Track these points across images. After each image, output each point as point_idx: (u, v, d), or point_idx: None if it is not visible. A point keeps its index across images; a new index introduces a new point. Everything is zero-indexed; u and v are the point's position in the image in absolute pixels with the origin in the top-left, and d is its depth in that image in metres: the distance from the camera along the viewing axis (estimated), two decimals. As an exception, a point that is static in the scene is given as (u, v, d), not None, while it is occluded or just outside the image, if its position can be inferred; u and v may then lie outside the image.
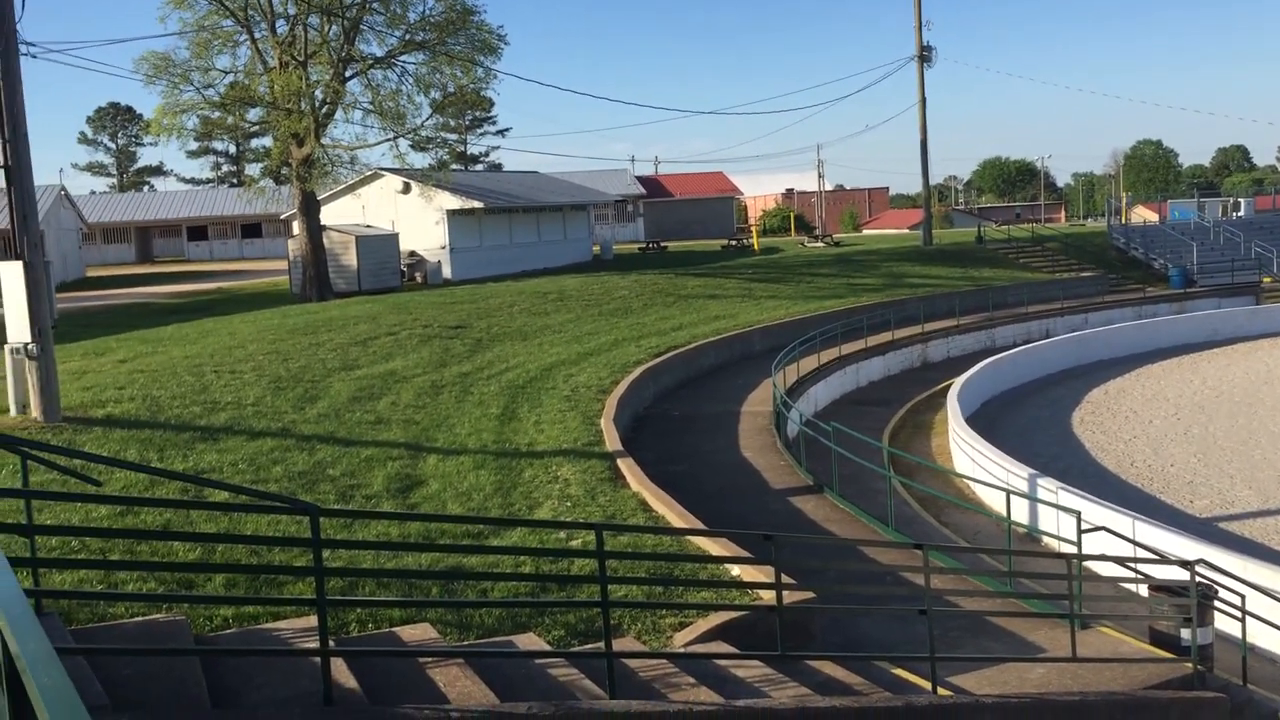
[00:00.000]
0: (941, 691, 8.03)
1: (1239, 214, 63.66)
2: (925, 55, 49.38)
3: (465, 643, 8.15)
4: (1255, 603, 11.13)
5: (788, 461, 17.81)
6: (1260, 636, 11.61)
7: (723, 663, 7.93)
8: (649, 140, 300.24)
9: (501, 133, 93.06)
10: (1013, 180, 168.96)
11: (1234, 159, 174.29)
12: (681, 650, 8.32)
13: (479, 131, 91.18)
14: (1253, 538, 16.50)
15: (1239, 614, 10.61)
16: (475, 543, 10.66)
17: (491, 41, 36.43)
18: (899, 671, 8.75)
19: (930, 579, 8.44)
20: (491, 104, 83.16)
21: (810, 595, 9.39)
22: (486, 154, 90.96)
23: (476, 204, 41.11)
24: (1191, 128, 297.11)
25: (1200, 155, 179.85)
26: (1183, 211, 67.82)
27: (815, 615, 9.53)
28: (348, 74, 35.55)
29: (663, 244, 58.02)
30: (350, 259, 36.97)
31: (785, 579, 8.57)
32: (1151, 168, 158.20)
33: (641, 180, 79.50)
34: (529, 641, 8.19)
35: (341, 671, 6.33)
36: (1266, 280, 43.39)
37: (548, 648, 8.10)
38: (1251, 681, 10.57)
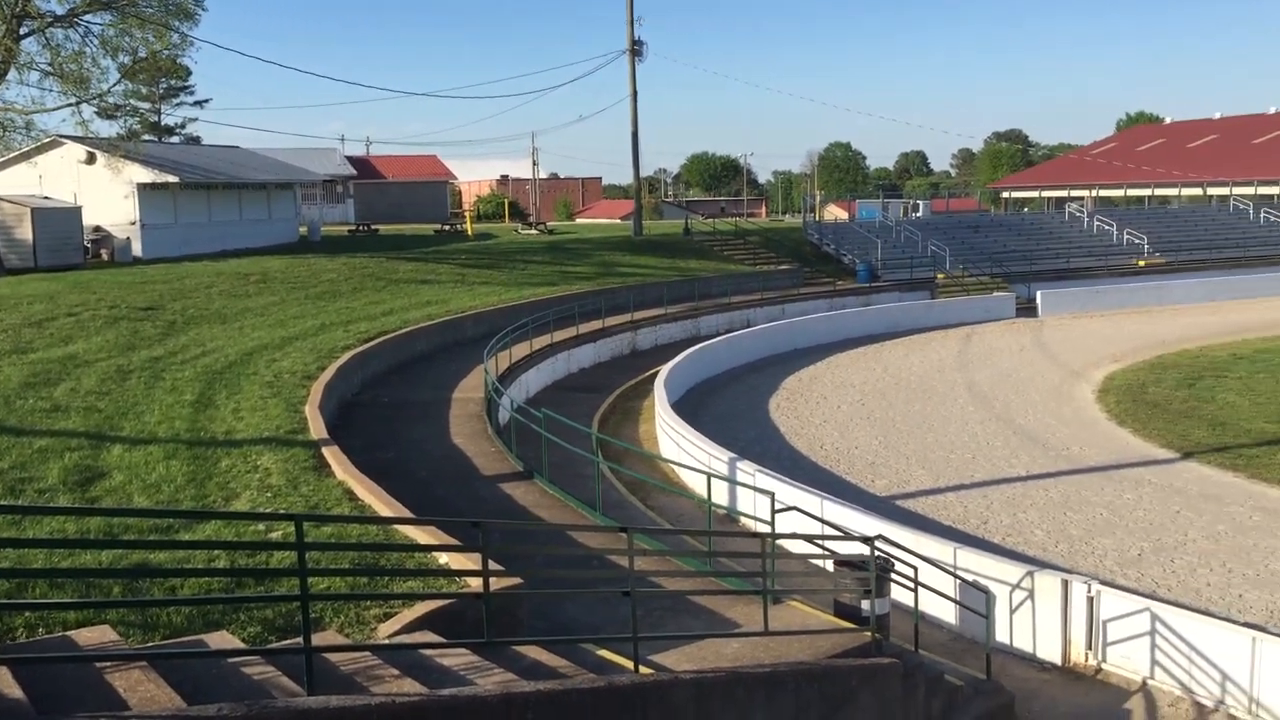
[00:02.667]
0: (643, 670, 8.24)
1: (918, 215, 68.97)
2: (637, 50, 50.47)
3: (150, 644, 7.66)
4: (927, 574, 12.11)
5: (499, 448, 17.81)
6: (931, 605, 12.64)
7: (428, 652, 7.82)
8: (362, 120, 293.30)
9: (200, 104, 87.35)
10: (718, 175, 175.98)
11: (914, 164, 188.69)
12: (385, 641, 8.15)
13: (175, 102, 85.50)
14: (925, 514, 17.92)
15: (912, 585, 11.49)
16: (164, 538, 10.04)
17: (187, 6, 34.21)
18: (603, 653, 8.91)
19: (635, 561, 8.64)
20: (189, 73, 78.32)
21: (518, 581, 9.42)
22: (183, 125, 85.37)
23: (171, 178, 38.62)
24: (878, 133, 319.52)
25: (885, 159, 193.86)
26: (869, 211, 72.76)
27: (523, 600, 9.56)
28: (22, 31, 32.44)
29: (374, 227, 56.59)
30: (25, 233, 33.88)
31: (493, 565, 8.55)
32: (842, 168, 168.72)
33: (352, 161, 77.19)
34: (222, 640, 7.78)
35: (5, 680, 5.79)
36: (940, 277, 47.18)
37: (242, 645, 7.72)
38: (923, 647, 11.48)
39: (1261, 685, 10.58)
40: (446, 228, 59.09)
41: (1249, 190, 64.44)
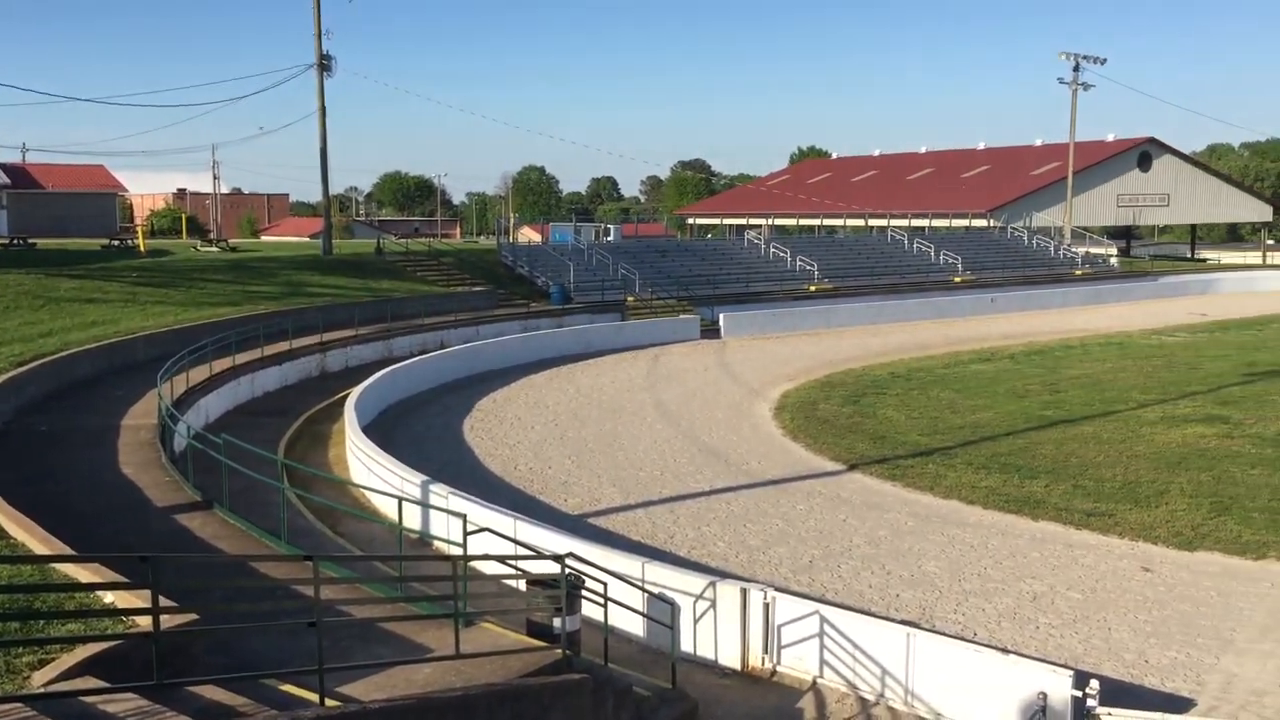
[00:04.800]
0: (330, 703, 8.01)
1: (609, 239, 70.82)
2: (325, 65, 49.10)
3: None
4: (616, 589, 12.43)
5: (174, 478, 16.82)
6: (621, 619, 12.97)
7: (91, 699, 7.27)
8: (17, 125, 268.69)
9: None
10: (412, 195, 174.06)
11: (606, 189, 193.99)
12: (40, 690, 7.51)
13: None
14: (616, 530, 18.38)
15: (603, 601, 11.78)
16: None
17: None
18: (287, 688, 8.58)
19: (323, 590, 8.39)
20: None
21: (193, 617, 8.92)
22: None
23: None
24: (571, 158, 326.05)
25: (578, 183, 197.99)
26: (562, 234, 74.02)
27: (199, 638, 9.06)
28: None
29: (30, 240, 51.97)
30: None
31: (165, 602, 8.07)
32: (536, 191, 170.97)
33: (5, 169, 70.71)
34: None
35: None
36: (630, 299, 48.62)
37: None
38: (613, 660, 11.77)
39: (915, 677, 11.55)
40: (116, 243, 55.05)
41: (904, 222, 70.40)
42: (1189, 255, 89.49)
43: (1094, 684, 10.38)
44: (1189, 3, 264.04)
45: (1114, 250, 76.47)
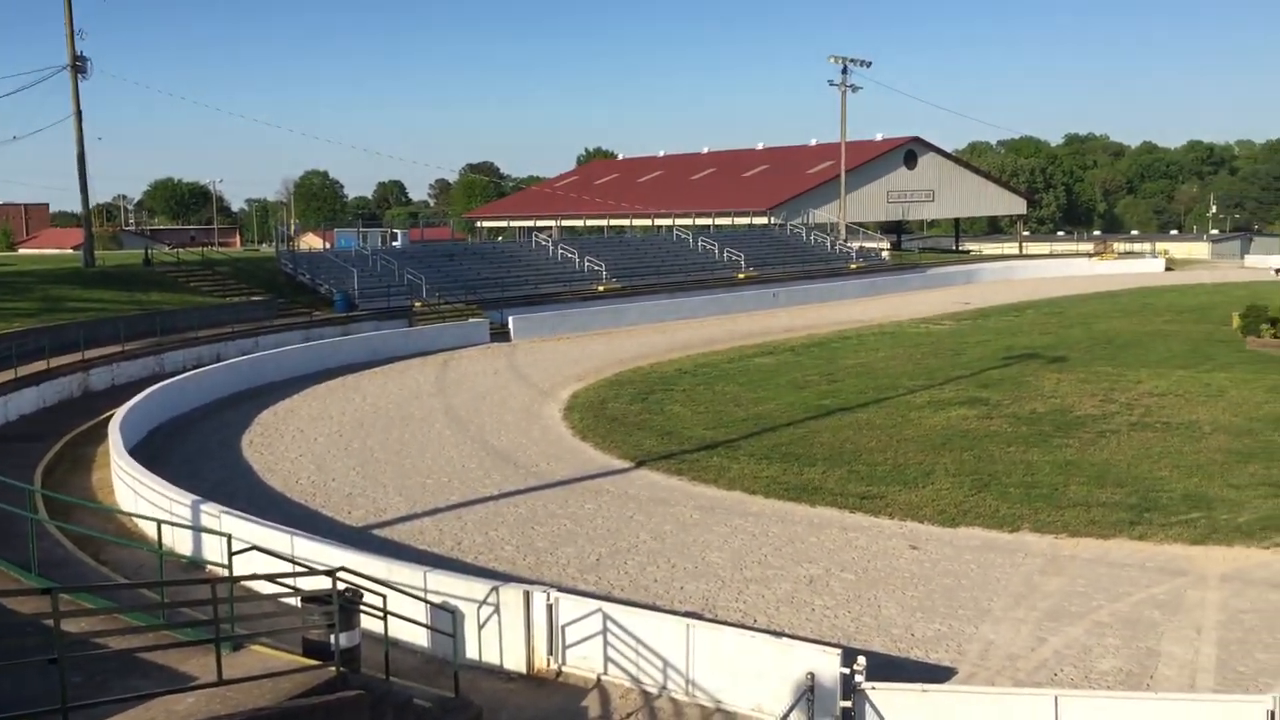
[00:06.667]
0: (77, 742, 7.56)
1: (396, 244, 69.47)
2: (80, 66, 46.36)
3: None
4: (399, 601, 12.19)
5: (-91, 512, 15.49)
6: (404, 631, 12.73)
7: None
8: None
9: None
10: (186, 203, 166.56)
11: (393, 193, 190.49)
12: None
13: None
14: (401, 540, 18.03)
15: (381, 614, 11.52)
16: None
17: None
18: (30, 730, 8.06)
19: (80, 622, 7.90)
20: None
21: (-80, 663, 8.26)
22: None
23: None
24: (356, 162, 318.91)
25: (364, 188, 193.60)
26: (347, 240, 72.20)
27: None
28: None
29: None
30: None
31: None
32: (320, 197, 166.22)
33: None
34: None
35: None
36: (418, 305, 47.85)
37: None
38: (396, 672, 11.54)
39: (695, 667, 11.78)
40: None
41: (689, 221, 71.91)
42: (954, 248, 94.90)
43: (861, 660, 10.84)
44: (908, 7, 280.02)
45: (886, 245, 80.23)
